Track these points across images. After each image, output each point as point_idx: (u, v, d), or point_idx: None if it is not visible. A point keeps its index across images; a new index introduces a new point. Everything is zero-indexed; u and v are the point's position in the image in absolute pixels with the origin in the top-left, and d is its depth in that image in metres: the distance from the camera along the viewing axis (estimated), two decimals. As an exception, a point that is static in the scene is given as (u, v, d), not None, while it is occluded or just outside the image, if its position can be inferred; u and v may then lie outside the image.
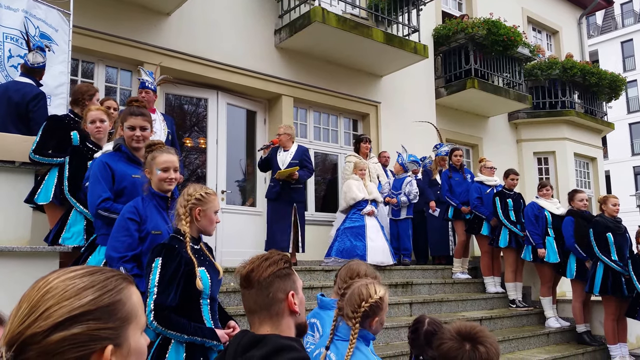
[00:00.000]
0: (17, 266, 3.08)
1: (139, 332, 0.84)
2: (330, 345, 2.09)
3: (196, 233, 2.49)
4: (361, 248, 5.92)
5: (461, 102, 9.31)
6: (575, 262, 5.79)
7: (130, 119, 3.01)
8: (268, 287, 1.47)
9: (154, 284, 2.28)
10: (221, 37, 6.56)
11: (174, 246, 2.35)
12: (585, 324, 5.93)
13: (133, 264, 2.59)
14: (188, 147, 6.76)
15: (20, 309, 0.77)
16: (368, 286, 2.09)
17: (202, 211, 2.45)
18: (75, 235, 3.36)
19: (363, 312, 2.03)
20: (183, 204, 2.45)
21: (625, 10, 30.69)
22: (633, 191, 27.07)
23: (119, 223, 2.63)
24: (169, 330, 2.28)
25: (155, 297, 2.26)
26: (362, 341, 2.06)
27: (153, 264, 2.32)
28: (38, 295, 0.77)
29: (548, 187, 6.22)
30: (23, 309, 0.77)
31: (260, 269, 1.48)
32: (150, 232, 2.63)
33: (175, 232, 2.44)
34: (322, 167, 7.90)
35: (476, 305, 6.12)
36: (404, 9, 7.73)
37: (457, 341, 1.72)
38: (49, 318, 0.75)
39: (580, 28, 12.85)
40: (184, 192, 2.50)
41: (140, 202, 2.69)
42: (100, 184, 2.90)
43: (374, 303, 2.03)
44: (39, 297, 0.77)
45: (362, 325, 2.05)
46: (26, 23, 4.43)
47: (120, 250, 2.58)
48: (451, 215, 6.70)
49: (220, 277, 2.54)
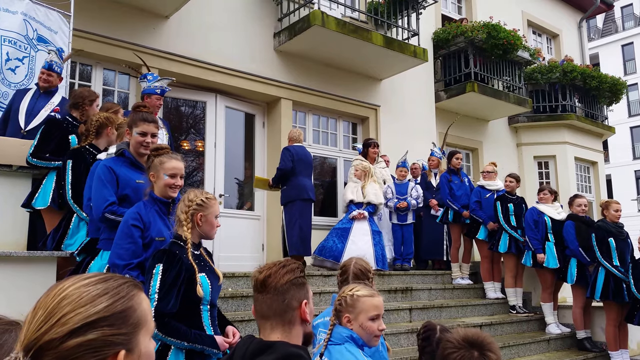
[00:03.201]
0: (14, 271, 3.06)
1: (148, 337, 0.87)
2: (324, 351, 2.12)
3: (197, 238, 2.49)
4: (339, 249, 5.88)
5: (461, 106, 9.29)
6: (575, 268, 5.75)
7: (142, 124, 2.97)
8: (284, 294, 1.48)
9: (154, 290, 2.27)
10: (220, 40, 6.55)
11: (175, 252, 2.35)
12: (585, 330, 5.89)
13: (137, 271, 2.57)
14: (186, 150, 6.74)
15: (36, 315, 0.79)
16: (348, 286, 2.28)
17: (204, 216, 2.45)
18: (79, 241, 3.34)
19: (336, 307, 2.19)
20: (184, 210, 2.44)
21: (625, 13, 30.72)
22: (634, 195, 27.03)
23: (122, 230, 2.59)
24: (169, 338, 2.27)
25: (156, 304, 2.25)
26: (353, 343, 2.12)
27: (154, 270, 2.32)
28: (54, 302, 0.79)
29: (545, 191, 6.17)
30: (39, 315, 0.79)
31: (278, 276, 1.50)
32: (154, 239, 2.61)
33: (176, 238, 2.43)
34: (320, 170, 7.87)
35: (476, 311, 6.08)
36: (404, 12, 7.72)
37: (466, 349, 1.70)
38: (66, 324, 0.77)
39: (581, 31, 12.84)
40: (184, 197, 2.49)
41: (143, 207, 2.66)
42: (106, 187, 2.87)
43: (342, 297, 2.18)
44: (55, 304, 0.79)
45: (339, 322, 2.19)
46: (25, 26, 4.41)
47: (125, 258, 2.55)
48: (451, 219, 6.67)
49: (220, 283, 2.53)
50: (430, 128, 8.79)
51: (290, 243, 5.75)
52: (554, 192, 6.25)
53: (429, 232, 7.13)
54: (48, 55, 4.20)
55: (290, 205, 5.78)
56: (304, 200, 5.77)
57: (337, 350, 2.10)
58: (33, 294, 3.08)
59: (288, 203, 5.81)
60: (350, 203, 6.20)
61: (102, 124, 3.52)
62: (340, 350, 2.09)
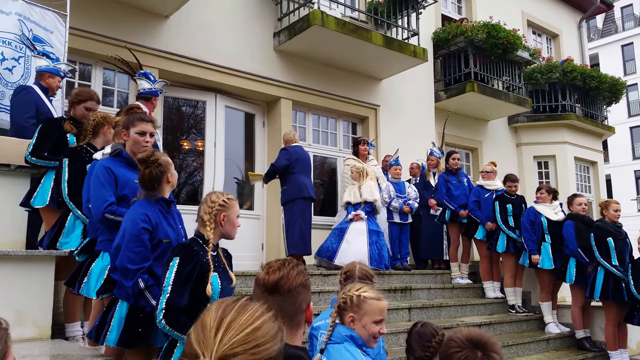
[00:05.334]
0: (13, 270, 3.06)
1: None
2: (324, 350, 2.12)
3: (217, 239, 2.54)
4: (333, 249, 5.91)
5: (461, 106, 9.28)
6: (574, 267, 5.75)
7: (141, 124, 3.01)
8: (296, 297, 1.47)
9: (168, 283, 2.33)
10: (220, 39, 6.55)
11: (193, 248, 2.41)
12: (584, 329, 5.88)
13: (147, 275, 2.58)
14: (186, 150, 6.74)
15: (228, 331, 0.87)
16: (354, 285, 2.25)
17: (226, 216, 2.52)
18: (74, 239, 3.34)
19: (340, 305, 2.18)
20: (207, 211, 2.50)
21: (625, 13, 30.72)
22: (634, 195, 27.03)
23: (132, 233, 2.57)
24: (175, 332, 2.30)
25: (168, 297, 2.30)
26: (352, 342, 2.12)
27: (171, 262, 2.38)
28: (250, 329, 0.89)
29: (543, 191, 6.15)
30: (233, 334, 0.87)
31: (290, 278, 1.49)
32: (162, 241, 2.63)
33: (197, 236, 2.49)
34: (320, 170, 7.87)
35: (475, 310, 6.08)
36: (404, 12, 7.72)
37: (469, 349, 1.70)
38: (258, 354, 0.87)
39: (581, 31, 12.84)
40: (207, 199, 2.56)
41: (148, 207, 2.65)
42: (105, 188, 2.88)
43: (348, 296, 2.17)
44: (250, 331, 0.88)
45: (341, 320, 2.17)
46: (21, 26, 4.41)
47: (137, 262, 2.55)
48: (448, 218, 6.67)
49: (233, 286, 2.57)
50: (430, 128, 8.79)
51: (290, 242, 5.75)
52: (552, 191, 6.20)
53: (429, 231, 7.13)
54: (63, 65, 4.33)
55: (291, 205, 5.78)
56: (305, 198, 5.77)
57: (335, 349, 2.09)
58: (31, 293, 3.09)
59: (288, 202, 5.81)
60: (348, 205, 6.21)
61: (99, 124, 3.53)
62: (339, 350, 2.09)
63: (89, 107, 3.78)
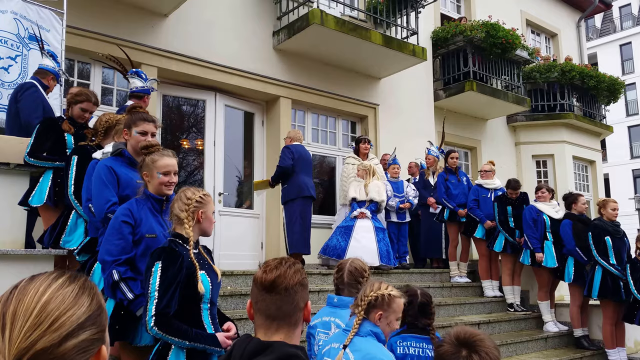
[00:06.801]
0: (12, 269, 3.05)
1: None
2: (349, 344, 2.16)
3: (197, 236, 2.48)
4: (342, 247, 5.89)
5: (460, 105, 9.30)
6: (573, 266, 5.77)
7: (143, 124, 2.98)
8: (294, 295, 1.47)
9: (154, 289, 2.25)
10: (219, 38, 6.54)
11: (175, 249, 2.33)
12: (582, 328, 5.91)
13: (126, 267, 2.56)
14: (185, 149, 6.74)
15: (16, 323, 0.76)
16: (381, 283, 2.31)
17: (204, 212, 2.47)
18: (76, 237, 3.34)
19: (368, 302, 2.22)
20: (184, 208, 2.43)
21: (624, 13, 30.75)
22: (632, 194, 27.04)
23: (113, 226, 2.59)
24: (169, 336, 2.24)
25: (157, 302, 2.23)
26: (374, 337, 2.18)
27: (153, 268, 2.29)
28: (38, 308, 0.77)
29: (543, 190, 6.18)
30: (21, 323, 0.76)
31: (288, 276, 1.48)
32: (144, 236, 2.60)
33: (174, 237, 2.42)
34: (319, 169, 7.87)
35: (474, 309, 6.09)
36: (403, 11, 7.72)
37: (454, 346, 1.71)
38: (59, 329, 0.76)
39: (579, 31, 12.86)
40: (181, 196, 2.47)
41: (135, 204, 2.65)
42: (108, 188, 2.86)
43: (380, 294, 2.22)
44: (39, 309, 0.77)
45: (367, 316, 2.21)
46: (17, 24, 4.40)
47: (114, 254, 2.54)
48: (447, 217, 6.68)
49: (219, 281, 2.52)
50: (429, 127, 8.80)
51: (290, 241, 5.75)
52: (551, 190, 6.26)
53: (427, 230, 7.14)
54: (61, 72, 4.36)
55: (291, 204, 5.78)
56: (305, 197, 5.77)
57: (362, 341, 2.15)
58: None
59: (288, 201, 5.80)
60: (353, 201, 6.20)
61: (111, 126, 3.50)
62: (369, 340, 2.16)
63: (85, 108, 3.78)
